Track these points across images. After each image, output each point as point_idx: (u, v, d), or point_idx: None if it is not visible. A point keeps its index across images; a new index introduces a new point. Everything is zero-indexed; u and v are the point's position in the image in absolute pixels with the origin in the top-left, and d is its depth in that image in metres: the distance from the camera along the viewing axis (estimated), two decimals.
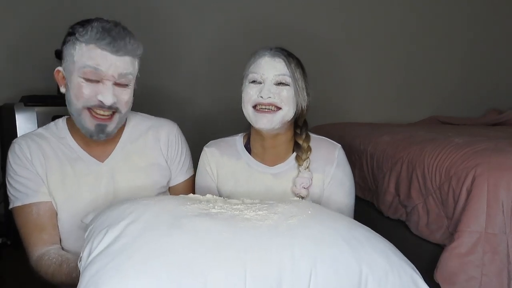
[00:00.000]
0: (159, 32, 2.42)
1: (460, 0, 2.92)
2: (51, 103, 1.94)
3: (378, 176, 1.69)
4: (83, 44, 1.02)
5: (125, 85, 1.06)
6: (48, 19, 2.28)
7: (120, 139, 1.18)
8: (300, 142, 1.22)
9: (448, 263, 1.16)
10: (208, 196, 1.00)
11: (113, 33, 1.02)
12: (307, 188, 1.19)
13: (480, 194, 1.16)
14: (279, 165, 1.23)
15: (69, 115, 1.11)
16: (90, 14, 1.09)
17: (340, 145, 1.27)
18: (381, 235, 0.93)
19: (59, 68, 1.08)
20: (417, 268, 0.87)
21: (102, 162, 1.14)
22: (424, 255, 1.35)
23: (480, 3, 2.95)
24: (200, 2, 2.52)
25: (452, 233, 1.22)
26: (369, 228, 0.94)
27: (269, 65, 1.15)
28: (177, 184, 1.26)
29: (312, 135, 1.28)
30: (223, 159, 1.26)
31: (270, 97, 1.14)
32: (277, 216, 0.85)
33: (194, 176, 1.31)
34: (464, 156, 1.28)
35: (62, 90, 1.09)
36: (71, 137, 1.14)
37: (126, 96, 1.07)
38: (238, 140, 1.29)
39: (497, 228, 1.14)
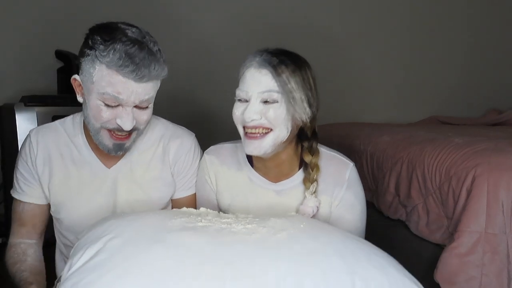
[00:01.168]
0: (158, 31, 2.42)
1: (460, 0, 2.92)
2: (51, 103, 1.94)
3: (378, 176, 1.69)
4: (104, 66, 0.94)
5: (145, 107, 1.02)
6: (48, 19, 2.28)
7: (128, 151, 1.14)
8: (307, 159, 1.07)
9: (448, 263, 1.16)
10: (202, 209, 0.96)
11: (137, 60, 0.93)
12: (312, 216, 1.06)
13: (480, 194, 1.16)
14: (283, 181, 1.11)
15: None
16: (91, 14, 1.08)
17: (352, 164, 1.12)
18: (381, 235, 0.92)
19: (76, 76, 1.01)
20: (417, 268, 0.86)
21: (109, 168, 1.12)
22: (424, 255, 1.35)
23: (480, 3, 2.95)
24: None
25: (452, 233, 1.22)
26: (369, 243, 0.87)
27: (254, 80, 0.98)
28: (180, 198, 1.21)
29: (323, 150, 1.12)
30: (223, 169, 1.15)
31: (254, 120, 0.98)
32: (266, 229, 0.81)
33: None
34: (464, 156, 1.28)
35: (80, 99, 1.03)
36: (84, 136, 1.12)
37: (145, 116, 1.03)
38: (240, 148, 1.14)
39: (497, 228, 1.14)
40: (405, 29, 2.86)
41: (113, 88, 0.95)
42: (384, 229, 1.60)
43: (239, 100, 1.02)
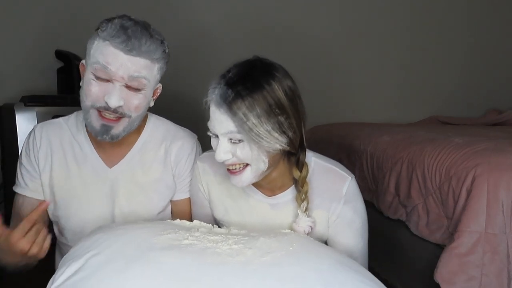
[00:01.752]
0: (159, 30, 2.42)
1: (460, 0, 2.92)
2: (51, 103, 1.94)
3: (378, 176, 1.69)
4: (101, 40, 0.98)
5: (137, 89, 1.00)
6: (48, 19, 2.28)
7: (134, 147, 1.13)
8: (296, 176, 1.00)
9: (448, 263, 1.16)
10: (195, 222, 0.95)
11: (129, 32, 0.97)
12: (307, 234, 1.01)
13: (480, 194, 1.16)
14: (278, 195, 1.05)
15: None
16: (91, 14, 1.09)
17: (351, 177, 1.04)
18: (381, 235, 0.91)
19: (82, 61, 1.05)
20: (417, 268, 0.86)
21: (110, 167, 1.11)
22: (424, 255, 1.35)
23: (480, 3, 2.95)
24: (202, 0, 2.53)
25: (452, 233, 1.23)
26: (363, 270, 0.83)
27: (216, 119, 0.90)
28: (179, 200, 1.19)
29: (319, 162, 1.06)
30: (216, 179, 1.10)
31: (225, 160, 0.92)
32: (252, 251, 0.78)
33: None
34: (464, 156, 1.28)
35: (82, 83, 1.04)
36: (86, 133, 1.11)
37: (136, 101, 1.01)
38: None
39: (497, 228, 1.14)
40: (405, 29, 2.86)
41: (103, 57, 0.97)
42: (384, 229, 1.60)
43: (211, 135, 0.95)
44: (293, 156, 1.00)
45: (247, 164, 0.93)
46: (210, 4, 2.54)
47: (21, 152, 1.15)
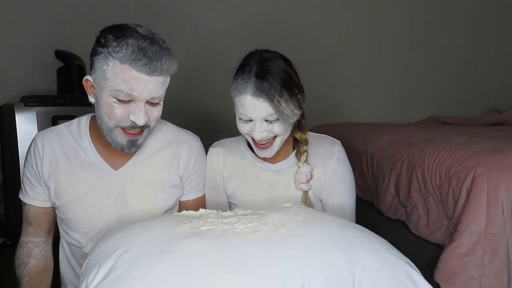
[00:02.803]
0: (160, 32, 2.42)
1: (460, 0, 2.92)
2: (51, 103, 1.95)
3: (378, 176, 1.69)
4: (117, 62, 0.96)
5: (156, 104, 1.04)
6: (49, 19, 2.28)
7: (139, 149, 1.14)
8: (297, 136, 1.23)
9: (448, 263, 1.16)
10: (201, 211, 1.00)
11: (150, 53, 0.97)
12: (307, 183, 1.20)
13: (480, 194, 1.16)
14: (281, 162, 1.26)
15: (91, 113, 1.13)
16: (91, 15, 1.09)
17: (339, 142, 1.29)
18: (381, 235, 0.93)
19: (88, 77, 1.03)
20: (417, 268, 0.87)
21: (116, 170, 1.12)
22: (424, 255, 1.35)
23: (480, 4, 2.96)
24: (211, 3, 2.53)
25: (452, 233, 1.23)
26: (361, 227, 0.94)
27: (254, 107, 1.10)
28: (188, 200, 1.24)
29: (312, 133, 1.29)
30: (229, 158, 1.29)
31: (263, 137, 1.13)
32: (267, 227, 0.85)
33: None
34: (464, 156, 1.28)
35: (91, 99, 1.05)
36: (90, 139, 1.13)
37: (156, 113, 1.05)
38: (241, 139, 1.31)
39: (497, 228, 1.14)
40: (405, 29, 2.86)
41: (127, 85, 0.97)
42: (384, 229, 1.60)
43: (242, 120, 1.14)
44: (294, 122, 1.19)
45: (275, 136, 1.15)
46: (212, 11, 2.54)
47: (25, 160, 1.15)
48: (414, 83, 2.92)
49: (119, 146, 1.06)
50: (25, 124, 1.88)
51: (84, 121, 1.15)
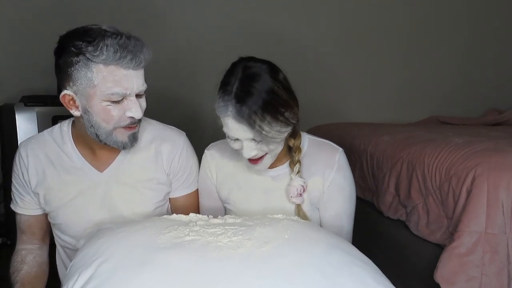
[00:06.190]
0: (158, 33, 2.42)
1: (460, 0, 2.92)
2: (51, 103, 1.95)
3: (378, 176, 1.69)
4: (101, 65, 0.94)
5: (142, 95, 1.06)
6: (49, 19, 2.28)
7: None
8: (291, 143, 1.17)
9: (448, 263, 1.16)
10: (191, 215, 0.99)
11: (131, 48, 0.96)
12: (299, 196, 1.14)
13: (480, 194, 1.16)
14: (278, 167, 1.20)
15: (73, 117, 1.12)
16: (91, 15, 1.09)
17: (341, 149, 1.21)
18: (381, 235, 0.92)
19: (66, 92, 0.99)
20: (417, 268, 0.86)
21: (102, 171, 1.12)
22: (424, 255, 1.35)
23: (480, 3, 2.96)
24: (200, 2, 2.53)
25: (452, 233, 1.23)
26: (351, 248, 0.89)
27: (238, 130, 1.03)
28: (178, 197, 1.23)
29: (313, 138, 1.23)
30: (223, 161, 1.24)
31: (252, 155, 1.07)
32: (251, 242, 0.83)
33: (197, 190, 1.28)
34: (464, 156, 1.28)
35: (76, 113, 1.02)
36: (73, 144, 1.12)
37: (144, 103, 1.07)
38: None
39: (497, 228, 1.14)
40: (404, 29, 2.86)
41: (120, 86, 0.97)
42: (384, 229, 1.60)
43: (230, 138, 1.08)
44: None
45: (266, 153, 1.09)
46: (204, 12, 2.54)
47: (12, 171, 1.16)
48: (414, 83, 2.91)
49: (121, 145, 1.06)
50: (25, 124, 1.89)
51: (65, 126, 1.15)
